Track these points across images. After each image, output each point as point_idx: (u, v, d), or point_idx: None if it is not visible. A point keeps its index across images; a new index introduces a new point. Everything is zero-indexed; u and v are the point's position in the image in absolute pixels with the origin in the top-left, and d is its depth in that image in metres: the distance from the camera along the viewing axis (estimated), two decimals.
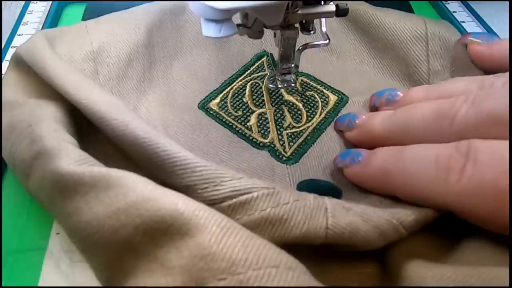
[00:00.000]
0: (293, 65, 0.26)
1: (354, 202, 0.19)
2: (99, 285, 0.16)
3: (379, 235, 0.17)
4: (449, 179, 0.17)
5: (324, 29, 0.25)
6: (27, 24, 0.33)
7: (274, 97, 0.28)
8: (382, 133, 0.22)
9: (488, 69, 0.25)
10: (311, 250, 0.18)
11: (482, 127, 0.18)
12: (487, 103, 0.18)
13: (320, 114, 0.27)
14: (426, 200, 0.18)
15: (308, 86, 0.28)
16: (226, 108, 0.27)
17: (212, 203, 0.17)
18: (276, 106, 0.27)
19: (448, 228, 0.19)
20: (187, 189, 0.17)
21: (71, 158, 0.17)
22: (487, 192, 0.16)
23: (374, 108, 0.26)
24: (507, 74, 0.20)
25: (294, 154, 0.24)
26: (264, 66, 0.30)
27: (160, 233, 0.15)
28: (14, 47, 0.31)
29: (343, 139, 0.25)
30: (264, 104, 0.27)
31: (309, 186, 0.22)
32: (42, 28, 0.33)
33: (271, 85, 0.28)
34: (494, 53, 0.24)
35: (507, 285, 0.14)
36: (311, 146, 0.25)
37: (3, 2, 0.36)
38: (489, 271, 0.14)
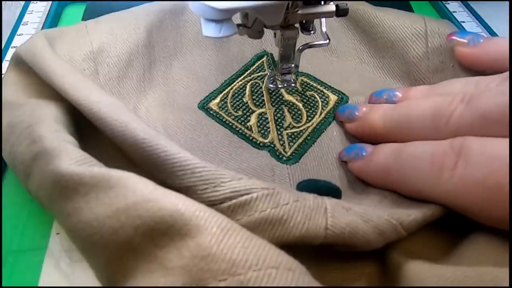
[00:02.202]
0: (293, 65, 0.26)
1: (354, 202, 0.19)
2: (100, 285, 0.16)
3: (379, 235, 0.17)
4: (441, 176, 0.18)
5: (324, 29, 0.25)
6: (27, 24, 0.33)
7: (274, 97, 0.28)
8: (382, 129, 0.23)
9: (478, 71, 0.24)
10: (311, 250, 0.18)
11: (476, 126, 0.18)
12: (480, 102, 0.18)
13: (320, 114, 0.27)
14: (422, 196, 0.19)
15: (308, 86, 0.28)
16: (226, 108, 0.27)
17: (211, 204, 0.17)
18: (276, 106, 0.27)
19: (448, 227, 0.19)
20: (186, 190, 0.17)
21: (71, 159, 0.17)
22: (477, 190, 0.17)
23: None
24: (503, 75, 0.20)
25: (294, 154, 0.24)
26: (264, 66, 0.30)
27: (160, 233, 0.15)
28: (14, 47, 0.31)
29: (343, 138, 0.25)
30: (264, 104, 0.27)
31: (308, 186, 0.22)
32: (42, 28, 0.33)
33: (271, 85, 0.28)
34: (482, 56, 0.23)
35: (507, 286, 0.14)
36: (311, 146, 0.25)
37: (3, 2, 0.35)
38: (488, 272, 0.14)
